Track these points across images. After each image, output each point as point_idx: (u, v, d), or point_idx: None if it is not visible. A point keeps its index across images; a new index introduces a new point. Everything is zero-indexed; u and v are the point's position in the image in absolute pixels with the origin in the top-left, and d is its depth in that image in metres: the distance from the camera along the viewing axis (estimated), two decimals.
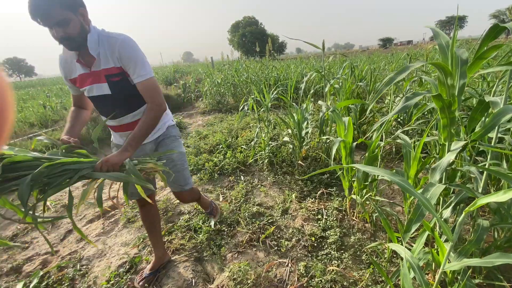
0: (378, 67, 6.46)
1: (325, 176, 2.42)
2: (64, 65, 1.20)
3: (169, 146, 1.40)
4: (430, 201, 0.83)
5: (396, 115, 2.77)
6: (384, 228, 1.79)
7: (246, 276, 1.53)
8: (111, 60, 1.12)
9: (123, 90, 1.18)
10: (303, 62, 8.36)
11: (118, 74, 1.14)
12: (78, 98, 1.31)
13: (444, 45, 1.04)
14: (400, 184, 0.78)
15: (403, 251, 0.94)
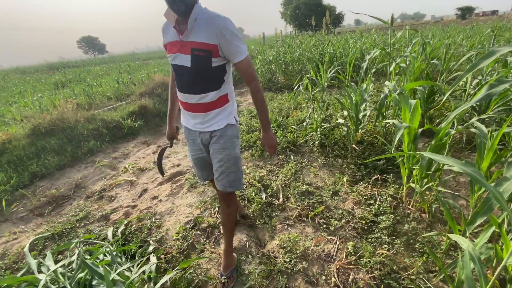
0: (454, 43, 5.57)
1: (381, 162, 2.34)
2: (163, 30, 1.30)
3: (220, 145, 1.35)
4: (503, 195, 0.79)
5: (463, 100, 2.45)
6: (442, 220, 1.72)
7: (295, 246, 1.67)
8: (206, 35, 1.15)
9: (202, 67, 1.21)
10: (363, 36, 7.65)
11: (205, 50, 1.16)
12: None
13: None
14: (471, 174, 0.76)
15: (465, 242, 0.92)
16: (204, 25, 1.15)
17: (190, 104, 1.31)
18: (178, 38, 1.21)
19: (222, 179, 1.40)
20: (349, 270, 1.47)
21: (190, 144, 1.49)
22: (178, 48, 1.21)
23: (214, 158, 1.39)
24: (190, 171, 2.86)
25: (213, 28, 1.14)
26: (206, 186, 2.50)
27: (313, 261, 1.58)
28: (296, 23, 45.65)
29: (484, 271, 0.80)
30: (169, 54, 1.27)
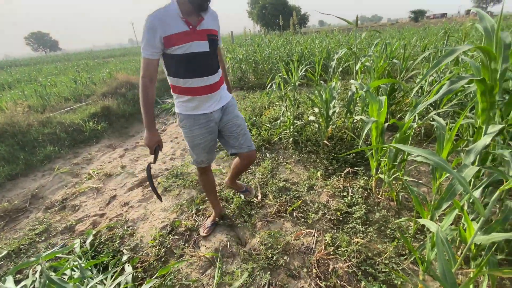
0: (409, 43, 6.07)
1: (351, 155, 2.47)
2: (159, 23, 1.25)
3: (233, 113, 1.58)
4: (466, 180, 0.89)
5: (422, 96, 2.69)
6: (409, 207, 1.87)
7: (276, 242, 1.69)
8: (213, 23, 1.40)
9: (215, 49, 1.43)
10: (328, 36, 7.99)
11: (215, 35, 1.42)
12: (154, 64, 1.33)
13: (490, 28, 1.02)
14: (438, 163, 0.84)
15: (434, 225, 1.02)
16: (210, 15, 1.38)
17: (211, 85, 1.44)
18: (188, 28, 1.30)
19: (246, 140, 1.61)
20: (329, 261, 1.53)
21: (201, 130, 1.52)
22: (191, 37, 1.31)
23: (232, 126, 1.56)
24: (163, 175, 2.74)
25: (215, 17, 1.43)
26: (181, 188, 2.42)
27: (294, 255, 1.62)
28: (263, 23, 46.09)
29: (453, 251, 0.89)
30: (180, 44, 1.29)
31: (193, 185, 2.45)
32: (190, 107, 1.46)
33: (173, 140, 3.71)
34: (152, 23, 1.26)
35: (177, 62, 1.35)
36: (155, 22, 1.26)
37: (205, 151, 1.61)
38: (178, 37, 1.28)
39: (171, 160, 3.11)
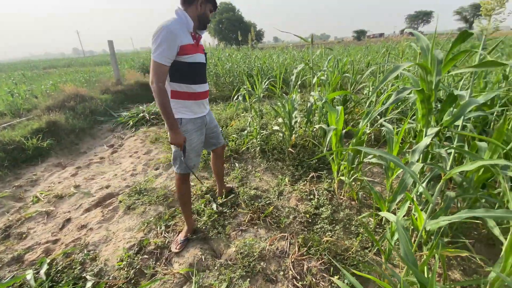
0: (355, 60, 6.81)
1: (314, 161, 2.65)
2: (178, 32, 1.41)
3: (212, 115, 1.88)
4: (416, 173, 1.05)
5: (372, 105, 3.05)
6: (367, 204, 2.07)
7: (251, 249, 1.72)
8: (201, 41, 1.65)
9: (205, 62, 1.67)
10: (284, 52, 8.50)
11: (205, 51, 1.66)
12: (167, 71, 1.45)
13: (425, 47, 1.25)
14: (393, 160, 0.99)
15: (391, 216, 1.17)
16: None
17: (207, 91, 1.70)
18: (193, 41, 1.51)
19: (221, 136, 1.99)
20: (303, 261, 1.61)
21: (198, 134, 1.68)
22: (196, 49, 1.53)
23: (214, 127, 1.88)
24: (124, 192, 2.57)
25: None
26: (146, 205, 2.30)
27: (270, 260, 1.66)
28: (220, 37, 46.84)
29: (409, 236, 1.03)
30: (190, 54, 1.48)
31: (160, 200, 2.35)
32: (192, 111, 1.62)
33: (132, 155, 3.51)
34: (173, 32, 1.38)
35: (186, 69, 1.51)
36: (176, 31, 1.39)
37: (198, 154, 1.76)
38: (189, 47, 1.47)
39: (132, 176, 2.93)
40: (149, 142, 3.83)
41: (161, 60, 1.38)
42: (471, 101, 1.21)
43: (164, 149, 3.49)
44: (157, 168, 3.07)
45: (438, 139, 1.75)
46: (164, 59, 1.39)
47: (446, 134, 1.89)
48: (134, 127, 4.58)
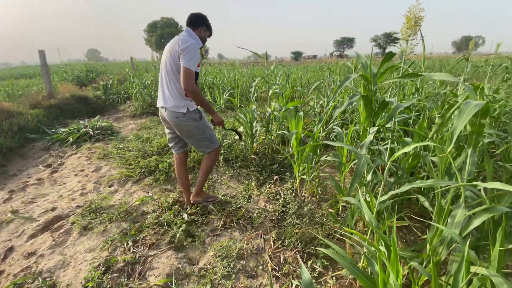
0: (297, 77, 7.57)
1: (275, 166, 2.87)
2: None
3: None
4: (369, 159, 1.33)
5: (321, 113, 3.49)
6: (325, 199, 2.36)
7: (229, 251, 1.78)
8: None
9: None
10: (235, 68, 8.86)
11: None
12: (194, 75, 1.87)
13: (364, 64, 1.60)
14: (352, 149, 1.24)
15: (351, 199, 1.42)
16: None
17: None
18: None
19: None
20: (279, 253, 1.75)
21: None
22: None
23: None
24: (75, 213, 2.32)
25: None
26: (107, 223, 2.13)
27: (249, 258, 1.75)
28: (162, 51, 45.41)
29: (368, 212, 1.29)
30: (199, 66, 1.93)
31: (122, 217, 2.21)
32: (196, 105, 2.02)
33: (78, 174, 3.17)
34: (198, 48, 1.89)
35: (195, 77, 1.88)
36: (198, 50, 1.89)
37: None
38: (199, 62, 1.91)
39: (82, 195, 2.66)
40: (96, 159, 3.51)
41: (193, 68, 1.82)
42: (399, 105, 1.58)
43: (117, 165, 3.26)
44: (111, 185, 2.86)
45: (375, 138, 2.16)
46: (194, 67, 1.82)
47: (381, 136, 2.34)
48: (75, 144, 4.12)
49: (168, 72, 1.91)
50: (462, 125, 0.89)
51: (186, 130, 1.98)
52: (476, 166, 1.29)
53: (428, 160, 1.36)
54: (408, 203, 2.00)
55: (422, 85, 2.97)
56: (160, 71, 2.01)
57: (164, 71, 1.94)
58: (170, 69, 1.89)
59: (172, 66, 1.88)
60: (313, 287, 0.78)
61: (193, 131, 1.98)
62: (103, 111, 6.66)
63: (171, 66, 1.88)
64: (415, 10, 1.38)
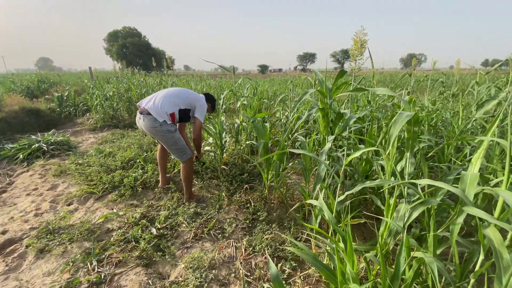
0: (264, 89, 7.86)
1: (245, 175, 2.95)
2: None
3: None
4: (326, 163, 1.48)
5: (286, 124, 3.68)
6: (291, 204, 2.49)
7: (201, 262, 1.79)
8: None
9: None
10: (203, 80, 8.88)
11: None
12: None
13: (321, 79, 1.79)
14: (314, 156, 1.38)
15: (314, 201, 1.55)
16: None
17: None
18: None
19: None
20: (250, 259, 1.81)
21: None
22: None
23: None
24: (29, 235, 2.13)
25: None
26: (66, 244, 2.00)
27: (221, 267, 1.78)
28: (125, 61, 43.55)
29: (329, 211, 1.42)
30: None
31: (84, 236, 2.09)
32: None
33: (31, 193, 2.91)
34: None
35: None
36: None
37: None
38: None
39: (37, 216, 2.45)
40: (52, 176, 3.26)
41: (203, 120, 2.46)
42: (351, 116, 1.79)
43: (76, 182, 3.05)
44: (70, 203, 2.68)
45: (334, 146, 2.37)
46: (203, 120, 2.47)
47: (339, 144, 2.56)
48: (26, 160, 3.77)
49: (172, 94, 2.40)
50: (396, 131, 1.07)
51: (160, 138, 2.33)
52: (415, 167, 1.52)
53: (376, 163, 1.56)
54: (365, 203, 2.21)
55: (374, 98, 3.33)
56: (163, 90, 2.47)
57: (170, 92, 2.43)
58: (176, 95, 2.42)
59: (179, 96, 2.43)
60: (279, 280, 0.86)
61: (168, 141, 2.32)
62: (58, 124, 6.18)
63: (178, 96, 2.42)
64: (360, 35, 1.62)
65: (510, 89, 2.82)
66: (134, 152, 3.58)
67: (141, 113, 2.30)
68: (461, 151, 2.27)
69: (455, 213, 0.95)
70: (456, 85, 4.27)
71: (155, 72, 10.00)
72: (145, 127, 2.28)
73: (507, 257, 0.82)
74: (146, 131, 2.32)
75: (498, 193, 0.81)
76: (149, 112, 2.24)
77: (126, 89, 6.77)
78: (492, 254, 0.85)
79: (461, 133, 2.35)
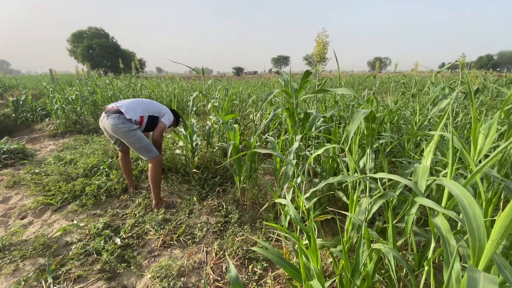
0: (238, 91, 7.86)
1: (218, 178, 2.90)
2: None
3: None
4: (292, 162, 1.49)
5: None
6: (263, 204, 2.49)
7: (169, 270, 1.71)
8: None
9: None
10: (174, 82, 8.64)
11: None
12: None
13: (286, 80, 1.81)
14: (280, 156, 1.39)
15: (283, 200, 1.56)
16: None
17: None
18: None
19: None
20: (221, 263, 1.76)
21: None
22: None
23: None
24: None
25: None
26: (18, 261, 1.81)
27: (190, 273, 1.72)
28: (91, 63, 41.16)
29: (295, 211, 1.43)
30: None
31: (38, 252, 1.91)
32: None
33: None
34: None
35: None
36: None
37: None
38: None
39: None
40: (4, 188, 2.95)
41: (168, 124, 2.58)
42: (317, 115, 1.84)
43: (31, 193, 2.79)
44: (24, 216, 2.44)
45: (304, 145, 2.41)
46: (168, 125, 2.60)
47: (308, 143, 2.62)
48: None
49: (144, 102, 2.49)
50: (354, 127, 1.11)
51: (122, 136, 2.27)
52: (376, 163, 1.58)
53: (340, 160, 1.60)
54: (333, 199, 2.27)
55: (342, 99, 3.45)
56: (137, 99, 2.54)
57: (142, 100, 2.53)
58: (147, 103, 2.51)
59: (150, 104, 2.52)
60: (238, 282, 0.84)
61: (130, 139, 2.26)
62: (13, 131, 5.64)
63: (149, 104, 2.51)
64: (322, 37, 1.66)
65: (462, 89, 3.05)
66: (98, 158, 3.37)
67: (105, 113, 2.28)
68: (419, 146, 2.42)
69: (408, 204, 1.00)
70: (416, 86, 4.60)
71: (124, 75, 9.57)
72: (107, 125, 2.25)
73: (454, 243, 0.88)
74: (108, 130, 2.29)
75: (443, 183, 0.87)
76: (115, 111, 2.25)
77: (90, 92, 6.38)
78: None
79: (419, 129, 2.51)
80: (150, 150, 2.34)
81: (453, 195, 0.78)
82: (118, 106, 2.30)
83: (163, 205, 2.44)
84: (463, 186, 0.87)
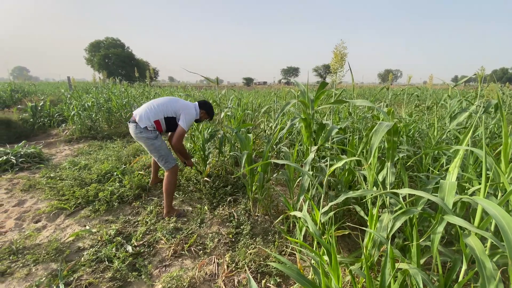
0: (248, 101, 7.92)
1: (229, 187, 2.87)
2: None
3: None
4: (310, 174, 1.46)
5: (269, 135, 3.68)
6: (275, 216, 2.44)
7: (180, 281, 1.68)
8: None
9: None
10: (186, 91, 8.81)
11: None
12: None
13: (303, 91, 1.80)
14: (298, 167, 1.36)
15: (298, 213, 1.52)
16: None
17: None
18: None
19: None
20: (233, 277, 1.72)
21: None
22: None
23: None
24: None
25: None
26: (31, 266, 1.82)
27: (201, 285, 1.68)
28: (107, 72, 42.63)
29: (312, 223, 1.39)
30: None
31: (51, 256, 1.91)
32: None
33: None
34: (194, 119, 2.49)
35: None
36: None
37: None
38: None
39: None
40: (19, 191, 3.02)
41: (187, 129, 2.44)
42: (333, 127, 1.81)
43: (46, 197, 2.84)
44: (38, 220, 2.47)
45: (318, 156, 2.38)
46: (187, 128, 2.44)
47: (322, 154, 2.58)
48: None
49: (159, 103, 2.41)
50: (378, 141, 1.08)
51: (143, 143, 2.34)
52: (395, 177, 1.53)
53: (358, 174, 1.56)
54: (348, 214, 2.20)
55: (355, 110, 3.42)
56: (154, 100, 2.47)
57: (157, 100, 2.45)
58: (162, 103, 2.41)
59: (165, 104, 2.41)
60: None
61: (149, 147, 2.34)
62: (31, 136, 5.83)
63: (164, 104, 2.40)
64: (340, 48, 1.65)
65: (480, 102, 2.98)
66: (111, 164, 3.41)
67: (129, 121, 2.39)
68: (437, 160, 2.34)
69: (436, 222, 0.95)
70: (430, 99, 4.51)
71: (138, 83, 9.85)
72: (131, 133, 2.37)
73: (490, 266, 0.82)
74: (134, 137, 2.40)
75: (477, 201, 0.82)
76: (133, 120, 2.34)
77: (106, 99, 6.56)
78: (474, 262, 0.85)
79: (437, 144, 2.44)
80: (167, 160, 2.38)
81: (490, 215, 0.73)
82: (134, 114, 2.36)
83: (174, 213, 2.42)
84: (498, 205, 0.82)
